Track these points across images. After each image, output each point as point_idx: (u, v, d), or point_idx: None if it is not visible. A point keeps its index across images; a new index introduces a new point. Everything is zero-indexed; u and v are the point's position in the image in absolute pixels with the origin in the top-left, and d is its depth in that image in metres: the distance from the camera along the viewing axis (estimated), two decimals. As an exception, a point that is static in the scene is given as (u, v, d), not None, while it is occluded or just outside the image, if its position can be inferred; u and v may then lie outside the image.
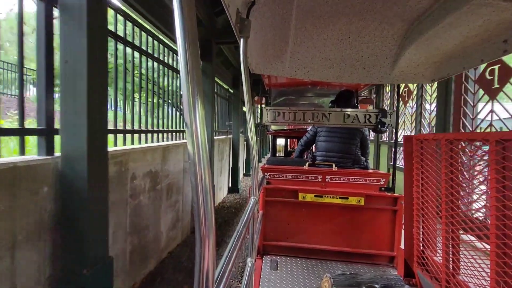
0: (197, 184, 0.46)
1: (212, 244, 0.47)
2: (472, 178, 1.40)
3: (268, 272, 1.97)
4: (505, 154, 1.13)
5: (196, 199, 0.46)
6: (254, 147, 1.40)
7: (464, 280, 1.41)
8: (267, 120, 2.57)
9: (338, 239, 2.27)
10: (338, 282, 1.20)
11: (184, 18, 0.45)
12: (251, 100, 1.37)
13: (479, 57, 1.61)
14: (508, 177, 1.13)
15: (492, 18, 1.35)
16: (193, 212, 0.48)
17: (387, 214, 2.26)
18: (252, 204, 1.28)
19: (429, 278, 1.66)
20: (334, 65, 2.16)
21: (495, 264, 1.16)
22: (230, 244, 0.79)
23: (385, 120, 2.43)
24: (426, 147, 1.75)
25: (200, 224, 0.46)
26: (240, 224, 0.96)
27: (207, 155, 0.47)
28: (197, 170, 0.45)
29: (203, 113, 0.47)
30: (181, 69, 0.46)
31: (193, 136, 0.45)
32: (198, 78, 0.47)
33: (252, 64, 2.10)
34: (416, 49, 1.84)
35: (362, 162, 2.74)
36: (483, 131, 2.88)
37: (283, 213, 2.31)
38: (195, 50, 0.47)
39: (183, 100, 0.46)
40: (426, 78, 2.09)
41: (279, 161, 3.21)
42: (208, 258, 0.46)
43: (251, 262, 1.31)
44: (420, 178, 1.83)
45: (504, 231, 1.13)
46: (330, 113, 2.50)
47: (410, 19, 1.70)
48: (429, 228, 1.77)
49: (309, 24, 1.87)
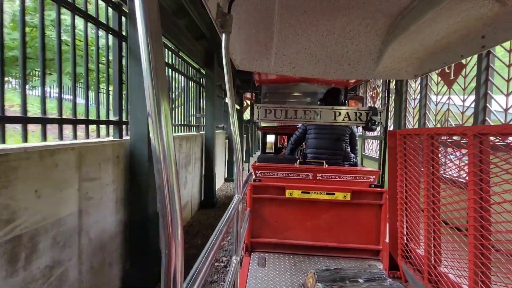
0: (162, 183, 0.44)
1: (179, 245, 0.45)
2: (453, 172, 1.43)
3: (255, 269, 1.97)
4: (482, 148, 1.15)
5: (162, 199, 0.44)
6: (238, 145, 1.38)
7: (444, 271, 1.44)
8: (258, 117, 2.55)
9: (326, 234, 2.29)
10: (322, 277, 1.21)
11: (145, 9, 0.43)
12: (234, 96, 1.35)
13: (459, 52, 1.64)
14: (485, 170, 1.15)
15: (470, 14, 1.37)
16: (158, 212, 0.46)
17: (372, 209, 2.29)
18: (235, 202, 1.26)
19: (412, 270, 1.70)
20: (320, 61, 2.15)
21: (473, 255, 1.19)
22: (208, 244, 0.77)
23: (375, 118, 2.45)
24: (408, 142, 1.77)
25: (166, 225, 0.44)
26: (220, 223, 0.95)
27: (173, 153, 0.45)
28: (162, 168, 0.43)
29: (168, 110, 0.45)
30: (143, 63, 0.44)
31: (158, 134, 0.43)
32: (162, 72, 0.45)
33: (237, 60, 2.07)
34: (399, 44, 1.85)
35: (352, 159, 2.77)
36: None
37: (270, 210, 2.31)
38: (159, 43, 0.45)
39: (146, 96, 0.44)
40: (409, 74, 2.11)
41: (270, 158, 3.21)
42: (175, 260, 0.45)
43: (236, 260, 1.30)
44: (403, 172, 1.86)
45: (481, 223, 1.16)
46: (321, 111, 2.50)
47: (392, 14, 1.70)
48: (412, 222, 1.80)
49: (293, 20, 1.86)
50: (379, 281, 1.16)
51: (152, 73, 0.43)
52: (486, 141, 1.15)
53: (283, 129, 5.29)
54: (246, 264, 2.07)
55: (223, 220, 0.97)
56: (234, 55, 1.97)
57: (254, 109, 2.56)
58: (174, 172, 0.45)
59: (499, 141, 1.09)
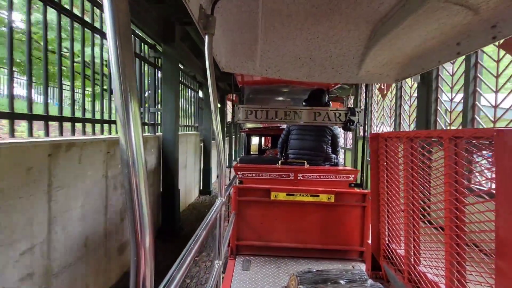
0: (131, 186, 0.42)
1: (148, 251, 0.44)
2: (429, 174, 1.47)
3: (240, 272, 1.95)
4: (457, 150, 1.19)
5: (130, 203, 0.43)
6: (221, 147, 1.37)
7: (423, 271, 1.48)
8: (239, 118, 2.55)
9: (310, 236, 2.31)
10: (304, 279, 1.21)
11: (113, 7, 0.42)
12: (217, 98, 1.34)
13: (437, 58, 1.70)
14: (459, 172, 1.19)
15: (446, 21, 1.42)
16: (127, 216, 0.44)
17: (356, 210, 2.33)
18: (218, 206, 1.25)
19: (394, 270, 1.73)
20: (304, 64, 2.18)
21: (449, 254, 1.22)
22: (185, 249, 0.76)
23: (353, 118, 2.51)
24: (390, 144, 1.82)
25: (135, 229, 0.43)
26: (200, 228, 0.93)
27: (142, 156, 0.44)
28: (131, 172, 0.42)
29: (138, 111, 0.44)
30: (111, 62, 0.42)
31: (126, 136, 0.42)
32: (131, 71, 0.43)
33: (222, 63, 2.06)
34: (380, 49, 1.90)
35: (333, 159, 2.81)
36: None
37: (255, 213, 2.30)
38: (128, 41, 0.44)
39: (114, 97, 0.43)
40: (391, 78, 2.17)
41: (252, 159, 3.21)
42: (145, 267, 0.43)
43: (218, 264, 1.28)
44: (385, 174, 1.90)
45: (456, 223, 1.19)
46: (301, 111, 2.53)
47: (374, 21, 1.75)
48: (394, 223, 1.84)
49: (278, 23, 1.87)
50: (360, 282, 1.18)
51: (121, 72, 0.42)
52: (461, 144, 1.20)
53: (267, 131, 5.32)
54: (230, 267, 2.05)
55: (203, 225, 0.95)
56: (219, 57, 1.96)
57: (235, 110, 2.56)
58: (143, 177, 0.43)
59: (472, 144, 1.13)
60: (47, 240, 2.15)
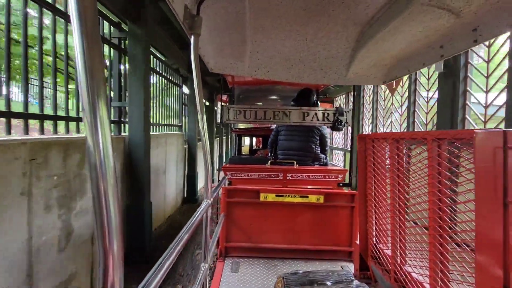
0: (98, 193, 0.41)
1: (117, 259, 0.42)
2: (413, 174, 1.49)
3: (228, 274, 1.94)
4: (440, 152, 1.21)
5: (98, 210, 0.41)
6: (207, 148, 1.36)
7: (409, 270, 1.49)
8: (228, 118, 2.54)
9: (300, 237, 2.31)
10: (291, 281, 1.21)
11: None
12: (203, 99, 1.33)
13: (422, 60, 1.73)
14: (442, 173, 1.21)
15: (430, 25, 1.45)
16: (95, 224, 0.43)
17: (345, 211, 2.34)
18: (204, 208, 1.24)
19: (381, 270, 1.75)
20: (293, 65, 2.19)
21: (433, 253, 1.24)
22: (165, 253, 0.74)
23: (341, 118, 2.53)
24: (377, 145, 1.84)
25: (103, 235, 0.41)
26: (183, 231, 0.91)
27: (111, 160, 0.42)
28: (98, 176, 0.41)
29: (106, 111, 0.43)
30: (76, 57, 0.41)
31: (94, 137, 0.40)
32: (99, 68, 0.42)
33: (210, 63, 2.05)
34: (368, 52, 1.92)
35: (322, 159, 2.83)
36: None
37: (245, 214, 2.29)
38: (95, 33, 0.42)
39: (80, 95, 0.41)
40: (378, 80, 2.20)
41: (242, 160, 3.20)
42: (113, 276, 0.42)
43: (204, 267, 1.27)
44: (372, 175, 1.92)
45: (440, 223, 1.21)
46: (290, 112, 2.54)
47: (361, 23, 1.77)
48: (381, 223, 1.86)
49: (266, 24, 1.87)
50: (346, 283, 1.18)
51: (87, 69, 0.40)
52: (444, 145, 1.22)
53: (258, 131, 5.31)
54: (219, 269, 2.03)
55: (186, 227, 0.94)
56: (207, 58, 1.94)
57: (224, 110, 2.56)
58: (112, 181, 0.42)
59: (454, 145, 1.15)
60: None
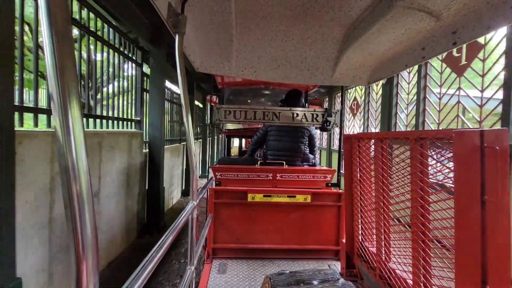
0: (71, 196, 0.39)
1: (92, 268, 0.40)
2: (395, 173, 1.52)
3: (215, 276, 1.92)
4: (422, 151, 1.24)
5: (71, 212, 0.39)
6: (192, 150, 1.34)
7: (393, 267, 1.52)
8: (217, 118, 2.52)
9: (288, 237, 2.32)
10: (278, 282, 1.21)
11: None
12: (188, 99, 1.31)
13: (404, 62, 1.78)
14: (424, 172, 1.24)
15: (412, 27, 1.48)
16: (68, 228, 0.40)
17: (332, 210, 2.37)
18: (188, 210, 1.22)
19: (366, 268, 1.77)
20: (280, 66, 2.19)
21: (415, 250, 1.27)
22: (147, 256, 0.72)
23: (330, 119, 2.56)
24: (362, 145, 1.87)
25: (76, 242, 0.39)
26: (166, 234, 0.89)
27: (83, 160, 0.40)
28: (71, 179, 0.39)
29: (78, 110, 0.41)
30: (45, 52, 0.39)
31: (65, 138, 0.38)
32: (70, 64, 0.40)
33: (197, 63, 2.03)
34: (353, 53, 1.95)
35: (311, 159, 2.85)
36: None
37: (232, 215, 2.27)
38: (67, 29, 0.40)
39: (51, 93, 0.39)
40: (363, 81, 2.24)
41: (231, 160, 3.18)
42: (87, 282, 0.40)
43: (190, 270, 1.25)
44: (358, 174, 1.95)
45: (422, 220, 1.24)
46: (280, 112, 2.55)
47: (346, 24, 1.79)
48: (367, 221, 1.89)
49: (253, 25, 1.87)
50: (332, 282, 1.19)
51: (57, 65, 0.38)
52: (425, 145, 1.25)
53: (247, 132, 5.29)
54: (206, 271, 2.01)
55: (170, 230, 0.92)
56: (194, 57, 1.92)
57: (214, 110, 2.54)
58: (86, 185, 0.40)
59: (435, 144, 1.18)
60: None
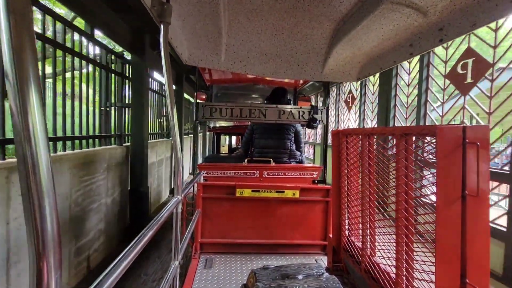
0: (29, 188, 0.36)
1: (53, 264, 0.38)
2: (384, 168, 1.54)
3: (202, 271, 1.91)
4: (407, 146, 1.25)
5: (30, 207, 0.36)
6: (177, 145, 1.31)
7: (378, 261, 1.55)
8: (203, 116, 2.48)
9: (275, 232, 2.32)
10: (262, 276, 1.20)
11: None
12: (173, 93, 1.28)
13: (392, 59, 1.78)
14: (409, 167, 1.26)
15: (400, 23, 1.49)
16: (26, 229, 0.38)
17: (320, 205, 2.38)
18: (172, 205, 1.19)
19: (352, 262, 1.80)
20: (270, 60, 2.17)
21: (399, 245, 1.29)
22: (124, 251, 0.70)
23: (316, 116, 2.56)
24: (350, 141, 1.88)
25: (36, 237, 0.37)
26: (147, 227, 0.87)
27: (44, 149, 0.38)
28: (29, 170, 0.36)
29: (39, 100, 0.38)
30: (2, 38, 0.36)
31: (22, 123, 0.36)
32: (33, 55, 0.37)
33: (185, 55, 1.98)
34: (342, 48, 1.95)
35: (297, 156, 2.85)
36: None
37: (220, 210, 2.26)
38: (26, 17, 0.37)
39: (6, 74, 0.36)
40: (352, 77, 2.24)
41: (218, 158, 3.16)
42: (47, 279, 0.37)
43: (174, 265, 1.23)
44: (345, 169, 1.96)
45: (406, 214, 1.26)
46: (266, 110, 2.53)
47: (335, 19, 1.78)
48: (353, 216, 1.91)
49: (242, 17, 1.83)
50: (316, 276, 1.20)
51: (14, 53, 0.35)
52: (410, 140, 1.26)
53: (235, 129, 5.23)
54: (194, 266, 1.99)
55: (150, 224, 0.89)
56: (181, 49, 1.88)
57: (200, 107, 2.49)
58: (46, 174, 0.37)
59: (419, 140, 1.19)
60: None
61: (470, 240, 0.97)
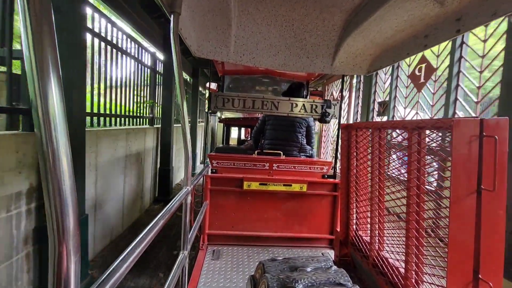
0: (52, 185, 0.37)
1: (74, 266, 0.39)
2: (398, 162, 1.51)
3: (209, 262, 1.93)
4: (420, 140, 1.23)
5: (49, 194, 0.37)
6: (187, 135, 1.32)
7: (386, 256, 1.54)
8: (216, 106, 2.48)
9: (282, 225, 2.33)
10: (271, 267, 1.21)
11: None
12: (183, 84, 1.27)
13: (406, 50, 1.74)
14: (421, 161, 1.23)
15: (415, 13, 1.44)
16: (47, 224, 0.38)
17: (327, 199, 2.37)
18: (182, 195, 1.20)
19: (360, 256, 1.79)
20: (279, 52, 2.14)
21: (409, 240, 1.27)
22: (136, 240, 0.70)
23: (329, 110, 2.53)
24: (360, 134, 1.85)
25: (55, 227, 0.37)
26: (158, 216, 0.88)
27: (67, 148, 0.38)
28: (51, 166, 0.36)
29: (61, 93, 0.38)
30: (21, 28, 0.36)
31: (45, 125, 0.36)
32: (51, 38, 0.37)
33: (193, 47, 1.97)
34: (353, 41, 1.91)
35: (308, 150, 2.83)
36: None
37: (228, 202, 2.27)
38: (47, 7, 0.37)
39: (28, 77, 0.36)
40: (363, 69, 2.20)
41: (229, 149, 3.16)
42: (67, 263, 0.38)
43: (183, 254, 1.24)
44: (355, 164, 1.94)
45: (417, 209, 1.24)
46: (278, 102, 2.51)
47: (347, 10, 1.74)
48: (361, 211, 1.90)
49: (252, 8, 1.81)
50: (324, 269, 1.20)
51: (35, 43, 0.35)
52: (423, 134, 1.23)
53: (246, 121, 5.22)
54: (201, 257, 2.02)
55: (161, 214, 0.90)
56: (190, 40, 1.86)
57: (212, 97, 2.49)
58: (67, 172, 0.38)
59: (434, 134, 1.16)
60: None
61: (485, 236, 0.95)
